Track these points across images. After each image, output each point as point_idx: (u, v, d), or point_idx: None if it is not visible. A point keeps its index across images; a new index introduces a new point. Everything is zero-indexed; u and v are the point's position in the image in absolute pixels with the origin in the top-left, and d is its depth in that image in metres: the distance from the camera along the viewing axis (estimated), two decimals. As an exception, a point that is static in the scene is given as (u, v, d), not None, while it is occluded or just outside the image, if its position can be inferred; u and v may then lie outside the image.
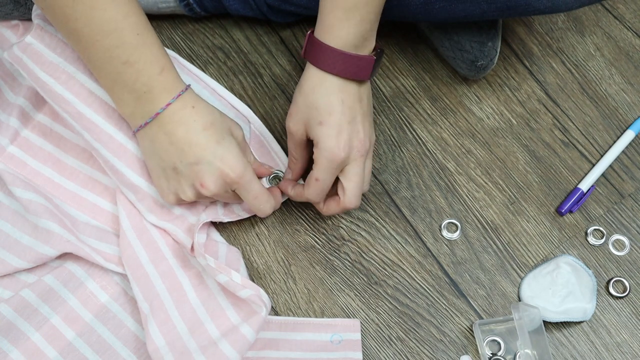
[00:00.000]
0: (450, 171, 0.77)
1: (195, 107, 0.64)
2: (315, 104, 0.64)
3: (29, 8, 0.74)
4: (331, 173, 0.65)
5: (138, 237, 0.68)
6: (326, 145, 0.64)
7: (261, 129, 0.76)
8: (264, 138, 0.75)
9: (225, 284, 0.64)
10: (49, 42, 0.69)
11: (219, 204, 0.71)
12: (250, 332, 0.63)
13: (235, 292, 0.64)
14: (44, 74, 0.68)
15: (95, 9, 0.59)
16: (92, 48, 0.61)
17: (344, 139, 0.64)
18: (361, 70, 0.64)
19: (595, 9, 0.88)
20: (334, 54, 0.63)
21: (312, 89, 0.64)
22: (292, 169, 0.71)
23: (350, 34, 0.62)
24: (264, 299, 0.63)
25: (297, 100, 0.66)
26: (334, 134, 0.63)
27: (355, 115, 0.65)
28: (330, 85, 0.64)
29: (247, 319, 0.64)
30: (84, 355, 0.66)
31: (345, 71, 0.63)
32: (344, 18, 0.62)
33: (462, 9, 0.70)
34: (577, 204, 0.75)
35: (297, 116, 0.66)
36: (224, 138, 0.64)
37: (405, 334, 0.70)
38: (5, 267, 0.68)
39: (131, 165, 0.68)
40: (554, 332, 0.70)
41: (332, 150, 0.64)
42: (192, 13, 0.82)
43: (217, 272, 0.64)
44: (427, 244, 0.74)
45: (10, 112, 0.73)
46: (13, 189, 0.69)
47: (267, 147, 0.75)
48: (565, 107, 0.82)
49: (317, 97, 0.64)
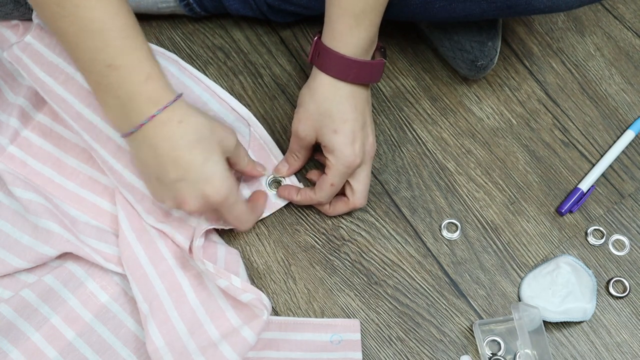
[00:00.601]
0: (450, 171, 0.77)
1: (182, 121, 0.59)
2: (329, 112, 0.65)
3: (29, 8, 0.74)
4: (345, 177, 0.67)
5: (137, 238, 0.68)
6: (343, 153, 0.65)
7: (261, 132, 0.76)
8: (264, 142, 0.75)
9: (226, 288, 0.64)
10: (48, 42, 0.69)
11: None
12: (252, 335, 0.63)
13: (236, 296, 0.64)
14: (43, 73, 0.68)
15: (81, 7, 0.55)
16: (77, 48, 0.58)
17: (358, 145, 0.65)
18: (373, 75, 0.65)
19: (595, 9, 0.88)
20: (347, 62, 0.63)
21: (325, 97, 0.65)
22: (289, 164, 0.72)
23: (360, 40, 0.63)
24: (265, 303, 0.63)
25: (308, 107, 0.66)
26: (349, 142, 0.65)
27: (366, 120, 0.67)
28: (344, 93, 0.64)
29: (249, 322, 0.64)
30: (84, 355, 0.66)
31: (358, 77, 0.64)
32: (354, 25, 0.62)
33: (462, 8, 0.70)
34: (577, 204, 0.75)
35: (308, 122, 0.66)
36: (211, 157, 0.60)
37: (405, 334, 0.70)
38: (5, 267, 0.68)
39: (129, 166, 0.68)
40: (554, 332, 0.70)
41: (349, 158, 0.65)
42: (192, 13, 0.82)
43: (216, 277, 0.64)
44: (427, 244, 0.74)
45: (11, 112, 0.73)
46: (13, 189, 0.69)
47: (267, 150, 0.75)
48: (565, 107, 0.81)
49: (330, 105, 0.64)
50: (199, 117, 0.61)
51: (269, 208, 0.73)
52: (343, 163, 0.65)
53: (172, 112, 0.59)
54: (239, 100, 0.80)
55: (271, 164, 0.75)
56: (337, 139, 0.65)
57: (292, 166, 0.73)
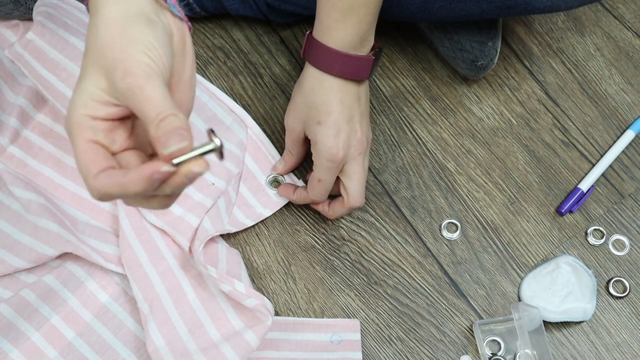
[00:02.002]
0: (450, 171, 0.77)
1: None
2: (314, 103, 0.64)
3: (29, 8, 0.74)
4: (332, 172, 0.66)
5: (137, 237, 0.68)
6: (325, 144, 0.64)
7: (258, 133, 0.76)
8: (262, 143, 0.76)
9: (229, 293, 0.64)
10: (49, 39, 0.69)
11: (222, 213, 0.71)
12: (255, 339, 0.63)
13: (240, 301, 0.64)
14: (45, 70, 0.68)
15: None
16: None
17: (342, 138, 0.64)
18: (360, 70, 0.64)
19: (595, 9, 0.88)
20: (333, 54, 0.63)
21: (312, 89, 0.65)
22: (285, 161, 0.72)
23: (348, 35, 0.63)
24: (269, 308, 0.63)
25: (296, 99, 0.66)
26: (333, 133, 0.64)
27: (353, 115, 0.65)
28: (330, 85, 0.64)
29: (252, 326, 0.64)
30: (84, 355, 0.66)
31: (344, 71, 0.63)
32: (341, 19, 0.62)
33: (461, 8, 0.70)
34: (577, 204, 0.75)
35: (295, 114, 0.67)
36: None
37: (405, 334, 0.70)
38: (5, 267, 0.68)
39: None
40: (554, 332, 0.70)
41: (331, 150, 0.64)
42: (192, 13, 0.82)
43: (219, 282, 0.64)
44: (427, 244, 0.74)
45: (11, 112, 0.73)
46: (13, 189, 0.69)
47: (265, 151, 0.75)
48: (565, 107, 0.81)
49: (316, 96, 0.64)
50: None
51: (270, 207, 0.73)
52: (325, 156, 0.64)
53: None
54: (239, 100, 0.80)
55: (269, 164, 0.75)
56: (320, 130, 0.64)
57: (287, 163, 0.73)
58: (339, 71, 0.63)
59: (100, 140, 0.42)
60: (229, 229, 0.70)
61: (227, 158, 0.72)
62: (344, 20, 0.62)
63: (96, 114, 0.42)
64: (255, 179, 0.74)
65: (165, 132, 0.39)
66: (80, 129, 0.41)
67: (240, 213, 0.73)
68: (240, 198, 0.73)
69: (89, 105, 0.41)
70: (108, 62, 0.41)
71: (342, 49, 0.63)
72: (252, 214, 0.73)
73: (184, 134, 0.40)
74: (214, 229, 0.68)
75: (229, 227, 0.71)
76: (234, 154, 0.73)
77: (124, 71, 0.41)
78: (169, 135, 0.39)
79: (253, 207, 0.73)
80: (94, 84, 0.42)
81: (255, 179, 0.74)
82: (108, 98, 0.42)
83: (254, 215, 0.73)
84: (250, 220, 0.72)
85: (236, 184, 0.73)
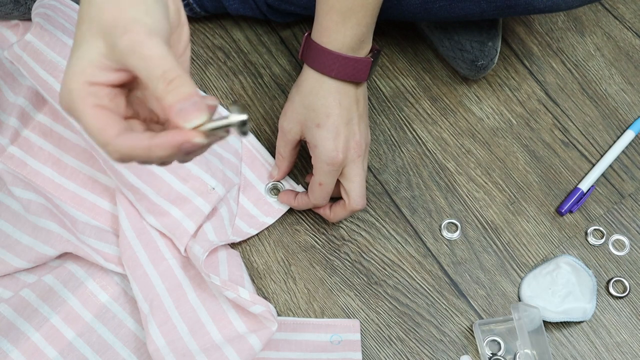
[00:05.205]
0: (450, 171, 0.77)
1: None
2: (313, 105, 0.64)
3: (29, 8, 0.74)
4: (332, 175, 0.66)
5: (137, 237, 0.68)
6: (324, 147, 0.64)
7: (253, 141, 0.76)
8: (257, 151, 0.76)
9: (234, 299, 0.64)
10: (48, 40, 0.69)
11: (226, 224, 0.71)
12: (258, 343, 0.63)
13: (245, 307, 0.64)
14: (43, 72, 0.68)
15: None
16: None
17: (341, 140, 0.64)
18: (358, 72, 0.64)
19: (595, 9, 0.88)
20: (331, 56, 0.63)
21: (310, 91, 0.64)
22: (279, 167, 0.72)
23: (347, 37, 0.62)
24: (274, 314, 0.63)
25: (294, 101, 0.66)
26: (332, 136, 0.64)
27: (352, 117, 0.65)
28: (328, 88, 0.64)
29: (256, 330, 0.64)
30: (84, 355, 0.66)
31: (342, 73, 0.63)
32: (340, 21, 0.62)
33: (461, 8, 0.70)
34: (577, 204, 0.75)
35: (292, 116, 0.66)
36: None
37: (405, 334, 0.70)
38: (5, 267, 0.68)
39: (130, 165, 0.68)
40: (554, 332, 0.70)
41: (331, 153, 0.64)
42: (192, 13, 0.82)
43: (223, 289, 0.64)
44: (427, 244, 0.74)
45: (11, 112, 0.73)
46: (13, 189, 0.69)
47: (261, 160, 0.75)
48: (565, 107, 0.81)
49: (314, 99, 0.64)
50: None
51: (272, 215, 0.73)
52: (325, 159, 0.64)
53: None
54: (238, 100, 0.80)
55: (266, 171, 0.75)
56: (319, 132, 0.64)
57: (281, 168, 0.72)
58: (337, 73, 0.63)
59: (106, 105, 0.40)
60: (233, 239, 0.70)
61: (226, 165, 0.72)
62: (343, 22, 0.62)
63: (96, 79, 0.40)
64: (254, 188, 0.74)
65: (178, 100, 0.38)
66: (83, 97, 0.40)
67: (243, 223, 0.73)
68: (242, 209, 0.73)
69: (88, 71, 0.40)
70: (107, 22, 0.40)
71: (341, 51, 0.63)
72: (255, 223, 0.73)
73: (200, 105, 0.38)
74: (218, 239, 0.68)
75: (233, 237, 0.71)
76: (232, 162, 0.73)
77: (123, 28, 0.39)
78: (187, 109, 0.38)
79: (255, 216, 0.73)
80: (92, 49, 0.40)
81: (254, 188, 0.74)
82: (107, 62, 0.40)
83: (257, 224, 0.73)
84: (254, 230, 0.73)
85: (236, 195, 0.73)
